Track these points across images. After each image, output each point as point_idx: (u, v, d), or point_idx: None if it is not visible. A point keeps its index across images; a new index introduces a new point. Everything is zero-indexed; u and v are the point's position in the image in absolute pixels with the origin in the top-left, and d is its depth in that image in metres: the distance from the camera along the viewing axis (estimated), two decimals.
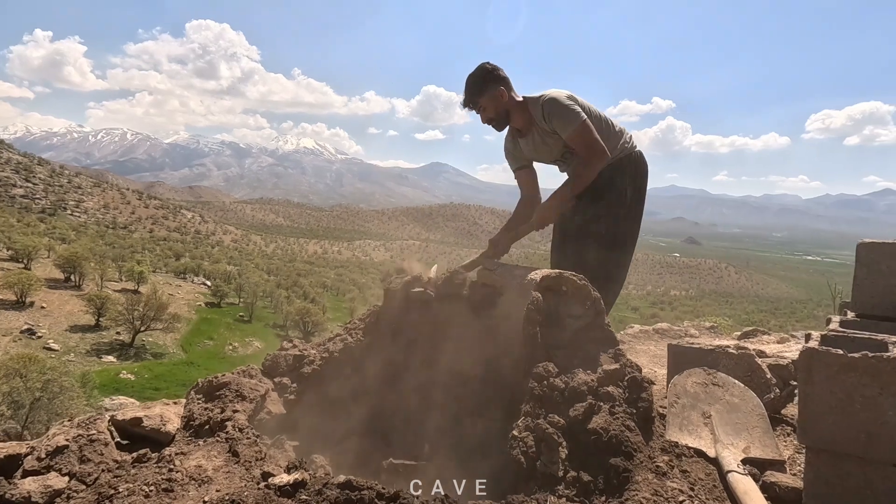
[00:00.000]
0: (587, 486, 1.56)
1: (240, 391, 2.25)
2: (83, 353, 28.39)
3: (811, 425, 1.27)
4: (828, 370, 1.25)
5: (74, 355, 27.87)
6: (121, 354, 29.31)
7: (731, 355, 2.11)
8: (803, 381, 1.28)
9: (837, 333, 1.40)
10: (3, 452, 1.68)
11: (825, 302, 65.79)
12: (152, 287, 35.00)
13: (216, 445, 1.80)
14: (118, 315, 29.98)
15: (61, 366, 19.86)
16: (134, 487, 1.49)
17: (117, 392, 24.12)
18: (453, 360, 2.59)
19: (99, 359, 28.45)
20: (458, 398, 2.49)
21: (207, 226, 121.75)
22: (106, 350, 29.57)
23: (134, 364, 28.42)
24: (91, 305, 30.92)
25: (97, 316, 30.99)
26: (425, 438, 2.54)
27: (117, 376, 26.54)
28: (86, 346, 29.36)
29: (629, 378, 1.81)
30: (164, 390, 25.97)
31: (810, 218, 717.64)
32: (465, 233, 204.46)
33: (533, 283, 2.14)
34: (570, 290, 2.13)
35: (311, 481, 1.56)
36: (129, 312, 29.87)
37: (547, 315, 2.11)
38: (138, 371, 27.50)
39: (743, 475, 1.48)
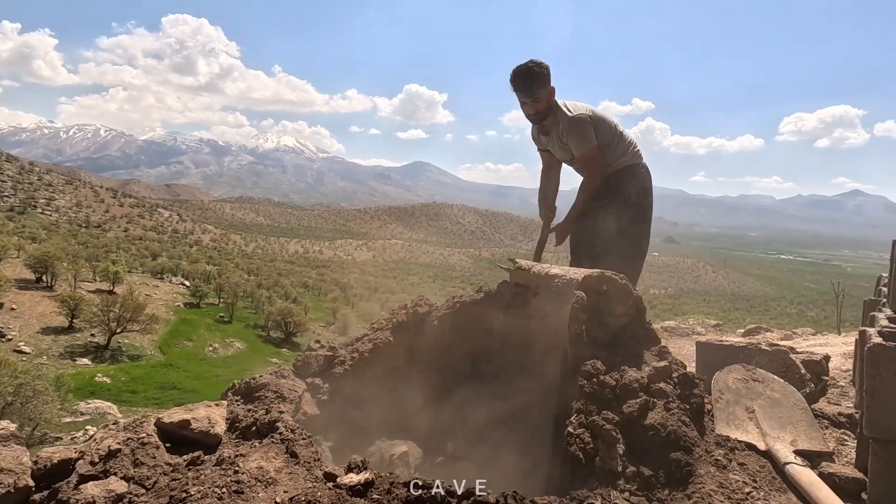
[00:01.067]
0: (648, 480, 1.60)
1: (279, 392, 2.23)
2: (56, 356, 27.53)
3: (879, 417, 1.33)
4: (894, 365, 1.31)
5: (47, 358, 27.01)
6: (96, 357, 28.52)
7: (764, 352, 2.18)
8: (871, 376, 1.34)
9: (892, 330, 1.47)
10: (55, 457, 1.64)
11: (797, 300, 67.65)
12: (128, 287, 34.12)
13: (272, 447, 1.78)
14: (93, 316, 29.16)
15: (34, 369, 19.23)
16: (206, 490, 1.47)
17: (93, 396, 23.45)
18: (489, 357, 2.61)
19: (73, 361, 27.63)
20: (496, 395, 2.51)
21: (185, 225, 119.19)
22: (80, 352, 28.73)
23: (110, 367, 27.68)
24: (64, 306, 29.99)
25: (70, 317, 30.09)
26: (462, 436, 2.56)
27: (92, 379, 25.82)
28: (59, 348, 28.48)
29: (679, 375, 1.86)
30: (141, 393, 25.36)
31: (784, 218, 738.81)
32: (447, 232, 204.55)
33: (575, 283, 2.18)
34: (610, 290, 2.17)
35: (379, 481, 1.56)
36: (105, 313, 29.07)
37: (589, 314, 2.15)
38: (114, 374, 26.79)
39: (803, 467, 1.53)
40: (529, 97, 2.89)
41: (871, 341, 1.37)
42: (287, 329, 38.99)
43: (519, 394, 2.51)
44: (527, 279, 2.57)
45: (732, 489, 1.48)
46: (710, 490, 1.48)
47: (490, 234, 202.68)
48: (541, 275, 2.47)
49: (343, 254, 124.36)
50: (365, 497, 1.50)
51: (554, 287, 2.30)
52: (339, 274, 79.27)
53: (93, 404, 21.95)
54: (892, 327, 1.52)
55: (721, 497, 1.46)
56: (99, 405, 22.21)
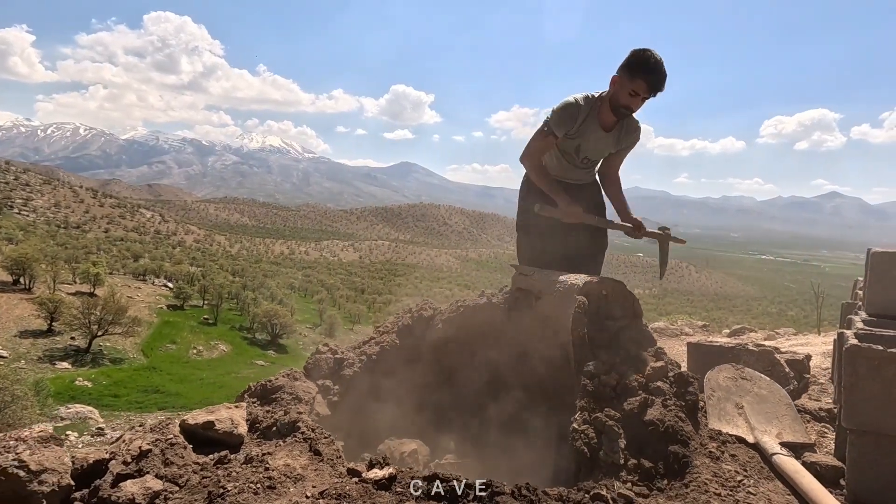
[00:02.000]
0: (649, 471, 1.74)
1: (295, 394, 2.33)
2: (35, 360, 26.97)
3: (856, 411, 1.48)
4: (869, 363, 1.46)
5: (25, 362, 26.44)
6: (76, 360, 28.01)
7: (751, 352, 2.34)
8: (848, 374, 1.50)
9: (868, 332, 1.63)
10: (90, 458, 1.72)
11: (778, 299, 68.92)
12: (110, 289, 33.55)
13: (296, 445, 1.88)
14: (73, 319, 28.62)
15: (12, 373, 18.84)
16: (241, 486, 1.56)
17: (73, 400, 23.03)
18: (492, 359, 2.74)
19: (52, 365, 27.10)
20: (500, 396, 2.63)
21: (168, 225, 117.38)
22: (60, 356, 28.19)
23: (91, 370, 27.20)
24: (43, 309, 29.39)
25: (50, 320, 29.51)
26: (468, 435, 2.68)
27: (73, 383, 25.35)
28: (37, 352, 27.91)
29: (675, 374, 2.01)
30: (124, 397, 24.98)
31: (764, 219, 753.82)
32: (434, 233, 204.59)
33: (576, 288, 2.31)
34: (610, 294, 2.31)
35: (401, 475, 1.67)
36: (85, 316, 28.56)
37: (590, 317, 2.28)
38: (95, 377, 26.35)
39: (788, 457, 1.68)
40: (654, 94, 2.59)
41: (848, 343, 1.52)
42: (273, 331, 38.70)
43: (523, 394, 2.64)
44: (529, 284, 2.70)
45: (726, 478, 1.62)
46: (705, 479, 1.62)
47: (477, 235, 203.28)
48: (543, 280, 2.60)
49: (329, 255, 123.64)
50: (389, 490, 1.61)
51: (556, 291, 2.44)
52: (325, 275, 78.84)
53: (73, 409, 21.55)
54: (867, 329, 1.68)
55: (716, 485, 1.60)
56: (80, 410, 21.82)
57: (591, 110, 2.73)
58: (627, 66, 2.55)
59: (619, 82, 2.59)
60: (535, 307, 2.64)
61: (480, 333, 2.80)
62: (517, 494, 1.58)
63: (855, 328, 1.70)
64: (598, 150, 2.89)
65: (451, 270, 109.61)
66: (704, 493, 1.56)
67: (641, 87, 2.53)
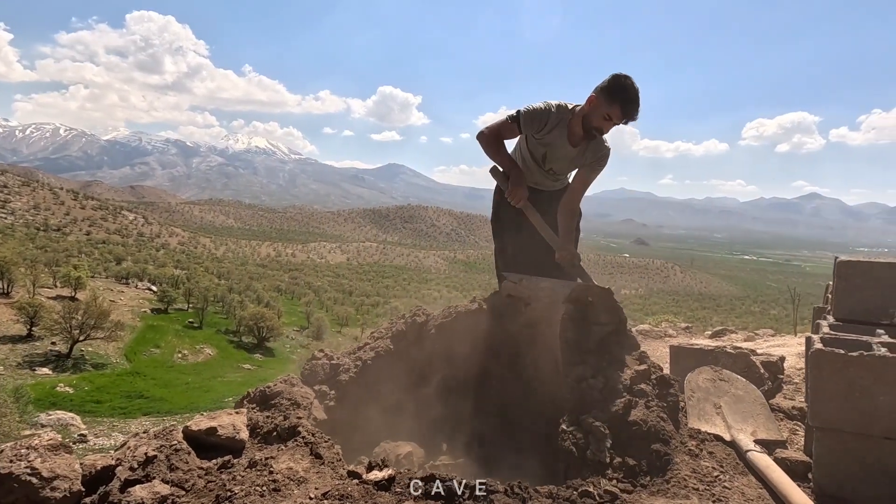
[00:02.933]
0: (633, 468, 1.85)
1: (293, 399, 2.40)
2: (14, 366, 26.45)
3: (821, 410, 1.61)
4: (833, 366, 1.59)
5: (4, 368, 25.92)
6: (57, 366, 27.53)
7: (729, 354, 2.47)
8: (814, 376, 1.62)
9: (833, 336, 1.76)
10: (98, 464, 1.77)
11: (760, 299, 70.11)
12: (91, 293, 33.04)
13: (297, 449, 1.95)
14: (53, 324, 28.11)
15: None
16: (247, 489, 1.64)
17: (54, 406, 22.62)
18: (484, 363, 2.84)
19: (32, 371, 26.60)
20: (492, 399, 2.73)
21: (152, 228, 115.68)
22: (40, 362, 27.68)
23: (72, 376, 26.76)
24: (22, 314, 28.82)
25: (29, 325, 28.96)
26: (461, 437, 2.77)
27: (53, 389, 24.90)
28: (17, 357, 27.36)
29: (657, 377, 2.13)
30: (106, 403, 24.61)
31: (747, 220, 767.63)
32: (422, 234, 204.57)
33: (563, 295, 2.42)
34: (596, 301, 2.42)
35: (399, 476, 1.76)
36: (66, 321, 28.07)
37: (577, 323, 2.39)
38: (77, 383, 25.94)
39: (761, 453, 1.81)
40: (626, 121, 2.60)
41: (814, 346, 1.65)
42: (260, 334, 38.37)
43: (514, 397, 2.75)
44: (518, 291, 2.81)
45: (703, 474, 1.74)
46: (684, 475, 1.73)
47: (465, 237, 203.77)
48: (531, 287, 2.71)
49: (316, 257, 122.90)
50: (389, 491, 1.69)
51: (544, 299, 2.54)
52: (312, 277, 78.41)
53: (54, 415, 21.16)
54: (833, 334, 1.81)
55: (694, 481, 1.71)
56: (61, 416, 21.43)
57: (562, 121, 2.74)
58: (607, 89, 2.55)
59: (596, 103, 2.60)
60: (525, 313, 2.75)
61: (473, 339, 2.90)
62: (510, 493, 1.68)
63: (822, 333, 1.83)
64: (563, 163, 2.90)
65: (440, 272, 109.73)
66: (684, 489, 1.68)
67: (616, 113, 2.55)
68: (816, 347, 1.62)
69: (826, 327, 1.90)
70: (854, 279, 2.00)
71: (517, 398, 2.71)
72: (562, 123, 2.75)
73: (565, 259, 2.77)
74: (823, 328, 1.90)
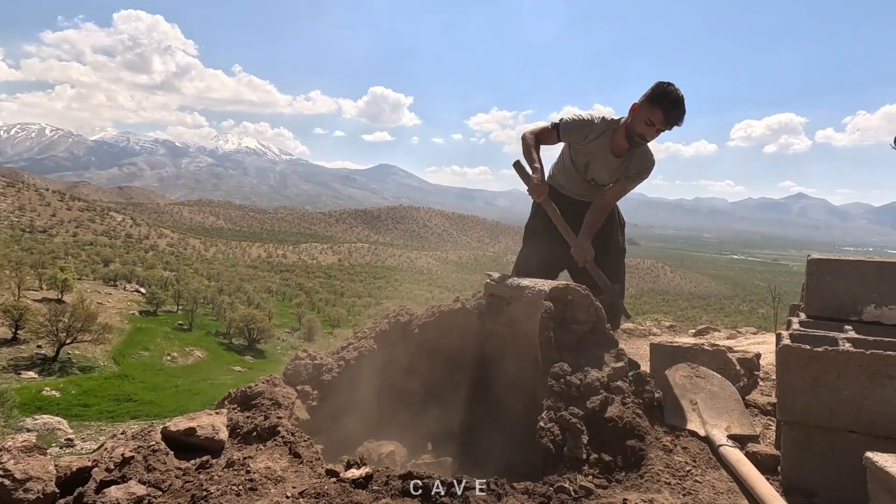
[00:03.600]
0: (608, 464, 1.87)
1: (275, 399, 2.40)
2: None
3: (788, 404, 1.65)
4: (799, 361, 1.63)
5: None
6: (43, 369, 27.20)
7: (706, 351, 2.51)
8: (781, 371, 1.66)
9: (801, 332, 1.80)
10: (73, 465, 1.77)
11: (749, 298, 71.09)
12: (78, 295, 32.71)
13: (276, 449, 1.96)
14: (39, 327, 27.77)
15: None
16: (224, 488, 1.64)
17: (40, 411, 22.34)
18: (467, 362, 2.86)
19: (18, 375, 26.24)
20: (474, 398, 2.75)
21: (140, 229, 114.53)
22: (26, 365, 27.32)
23: (59, 379, 26.46)
24: (7, 317, 28.42)
25: (14, 328, 28.56)
26: (444, 436, 2.79)
27: (40, 393, 24.60)
28: (1, 361, 26.99)
29: (634, 374, 2.16)
30: (94, 406, 24.34)
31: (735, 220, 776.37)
32: (414, 235, 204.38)
33: (543, 294, 2.44)
34: (574, 300, 2.45)
35: (377, 474, 1.77)
36: (53, 323, 27.74)
37: (556, 321, 2.42)
38: (64, 387, 25.65)
39: (732, 448, 1.84)
40: (670, 126, 2.63)
41: (782, 342, 1.69)
42: (251, 336, 38.14)
43: (495, 395, 2.77)
44: (500, 290, 2.83)
45: (676, 468, 1.77)
46: (658, 470, 1.76)
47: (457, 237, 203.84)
48: (512, 286, 2.73)
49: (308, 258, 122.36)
50: (366, 489, 1.70)
51: (525, 297, 2.57)
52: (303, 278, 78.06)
53: (40, 420, 20.87)
54: (801, 330, 1.85)
55: (667, 475, 1.74)
56: (47, 421, 21.14)
57: (606, 132, 2.80)
58: (650, 95, 2.60)
59: (639, 110, 2.65)
60: (506, 312, 2.77)
61: (456, 338, 2.92)
62: (486, 489, 1.70)
63: (791, 329, 1.87)
64: (606, 174, 2.93)
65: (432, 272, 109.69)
66: (657, 483, 1.71)
67: (658, 118, 2.58)
68: (784, 343, 1.66)
69: (796, 324, 1.95)
70: (824, 277, 2.05)
71: (499, 397, 2.73)
72: (605, 134, 2.81)
73: (578, 255, 2.83)
74: (794, 325, 1.94)
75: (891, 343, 1.66)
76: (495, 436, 2.63)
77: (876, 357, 1.55)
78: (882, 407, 1.53)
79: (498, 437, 2.62)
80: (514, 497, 1.71)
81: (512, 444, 2.49)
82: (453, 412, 2.83)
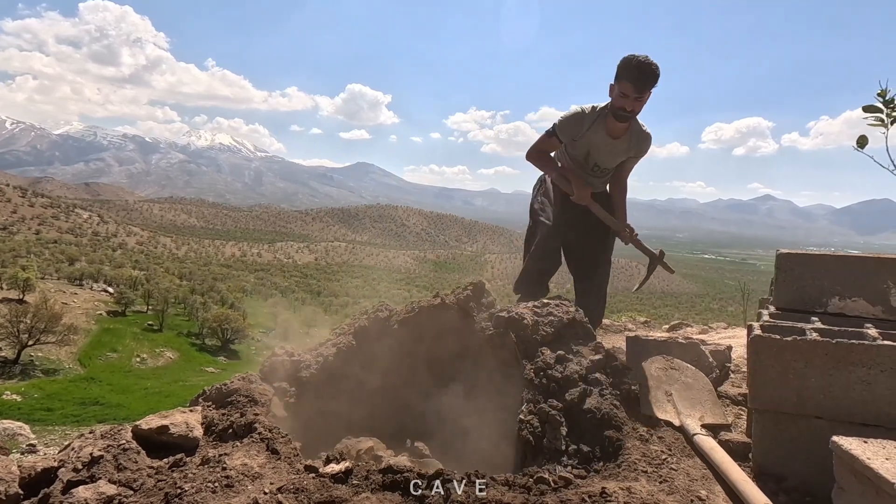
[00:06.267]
0: (587, 455, 1.90)
1: (251, 396, 2.35)
2: None
3: (759, 392, 1.70)
4: (769, 351, 1.68)
5: None
6: (3, 373, 26.10)
7: (680, 344, 2.57)
8: (752, 360, 1.71)
9: (771, 323, 1.85)
10: (38, 466, 1.70)
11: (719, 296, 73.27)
12: (41, 295, 31.49)
13: (253, 445, 1.92)
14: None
15: None
16: (199, 486, 1.60)
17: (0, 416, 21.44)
18: (447, 358, 2.85)
19: None
20: (454, 392, 2.75)
21: (108, 227, 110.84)
22: None
23: (20, 383, 25.43)
24: None
25: None
26: (424, 431, 2.78)
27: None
28: None
29: (611, 366, 2.19)
30: (58, 410, 23.48)
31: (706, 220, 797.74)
32: (392, 234, 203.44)
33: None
34: (553, 297, 2.48)
35: (357, 469, 1.75)
36: (13, 325, 26.63)
37: (535, 316, 2.45)
38: (26, 391, 24.69)
39: (706, 436, 1.89)
40: (640, 92, 2.70)
41: (753, 332, 1.74)
42: (224, 336, 37.38)
43: (475, 390, 2.77)
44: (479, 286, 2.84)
45: (652, 457, 1.80)
46: (635, 459, 1.79)
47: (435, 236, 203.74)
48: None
49: (284, 257, 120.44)
50: (346, 483, 1.68)
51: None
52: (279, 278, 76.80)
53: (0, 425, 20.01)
54: (771, 321, 1.91)
55: (644, 464, 1.77)
56: (8, 426, 20.27)
57: (598, 118, 2.90)
58: (617, 71, 2.73)
59: (613, 88, 2.78)
60: (486, 307, 2.78)
61: (436, 333, 2.91)
62: (466, 481, 1.69)
63: (762, 321, 1.93)
64: (608, 158, 3.04)
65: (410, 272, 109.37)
66: (633, 471, 1.74)
67: (627, 88, 2.69)
68: (755, 334, 1.71)
69: (766, 316, 2.01)
70: (793, 270, 2.12)
71: (480, 391, 2.74)
72: (599, 121, 2.91)
73: (626, 237, 3.05)
74: (764, 316, 2.00)
75: (855, 332, 1.73)
76: (477, 430, 2.64)
77: (841, 346, 1.62)
78: (846, 393, 1.59)
79: (479, 431, 2.62)
80: (494, 488, 1.71)
81: (494, 437, 2.50)
82: (434, 407, 2.83)
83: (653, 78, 2.69)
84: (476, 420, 2.70)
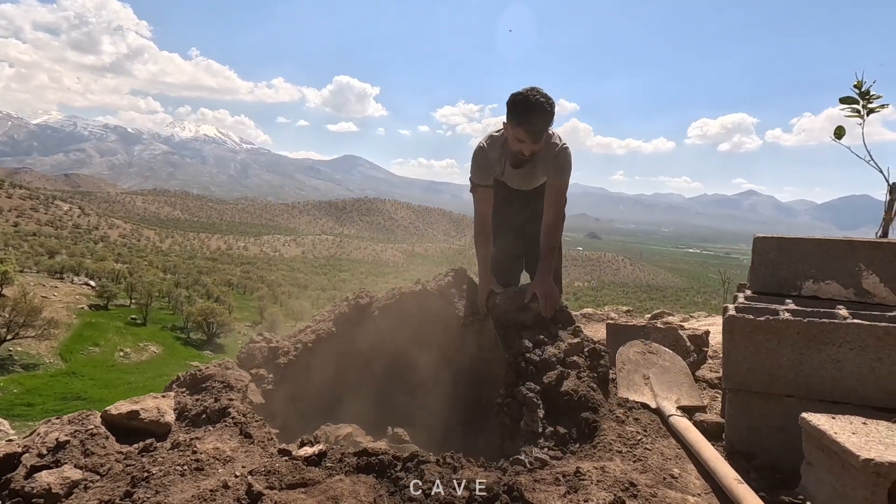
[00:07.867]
0: (563, 436, 1.90)
1: (226, 382, 2.31)
2: None
3: (732, 372, 1.71)
4: (743, 331, 1.69)
5: None
6: None
7: (659, 329, 2.59)
8: (726, 340, 1.72)
9: (745, 305, 1.87)
10: (1, 451, 1.65)
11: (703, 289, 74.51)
12: (20, 289, 30.88)
13: (226, 430, 1.89)
14: None
15: None
16: (167, 469, 1.56)
17: None
18: (428, 343, 2.84)
19: None
20: (436, 377, 2.74)
21: (89, 219, 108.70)
22: None
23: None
24: None
25: None
26: (406, 416, 2.77)
27: None
28: None
29: (589, 349, 2.19)
30: (38, 405, 23.12)
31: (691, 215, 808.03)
32: (380, 227, 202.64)
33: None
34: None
35: (331, 452, 1.73)
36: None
37: (514, 301, 2.44)
38: (5, 385, 24.28)
39: (681, 417, 1.90)
40: (536, 139, 2.37)
41: (728, 313, 1.75)
42: (209, 330, 37.06)
43: (458, 376, 2.76)
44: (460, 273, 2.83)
45: (628, 437, 1.81)
46: (611, 440, 1.80)
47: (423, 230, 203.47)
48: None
49: (270, 250, 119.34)
50: (319, 466, 1.66)
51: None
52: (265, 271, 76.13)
53: None
54: (745, 303, 1.92)
55: (619, 445, 1.78)
56: None
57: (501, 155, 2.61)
58: (508, 112, 2.41)
59: (508, 129, 2.46)
60: (467, 294, 2.77)
61: (417, 319, 2.89)
62: (442, 462, 1.68)
63: (737, 303, 1.94)
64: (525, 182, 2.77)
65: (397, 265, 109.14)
66: (609, 452, 1.74)
67: (521, 134, 2.37)
68: (730, 314, 1.72)
69: (741, 298, 2.02)
70: (768, 254, 2.13)
71: (461, 376, 2.73)
72: (502, 157, 2.62)
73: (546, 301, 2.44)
74: (739, 299, 2.02)
75: (826, 313, 1.75)
76: (459, 415, 2.63)
77: (812, 325, 1.63)
78: (817, 371, 1.61)
79: (461, 416, 2.62)
80: (469, 470, 1.70)
81: (476, 422, 2.50)
82: (414, 393, 2.81)
83: (548, 119, 2.36)
84: (460, 405, 2.70)
